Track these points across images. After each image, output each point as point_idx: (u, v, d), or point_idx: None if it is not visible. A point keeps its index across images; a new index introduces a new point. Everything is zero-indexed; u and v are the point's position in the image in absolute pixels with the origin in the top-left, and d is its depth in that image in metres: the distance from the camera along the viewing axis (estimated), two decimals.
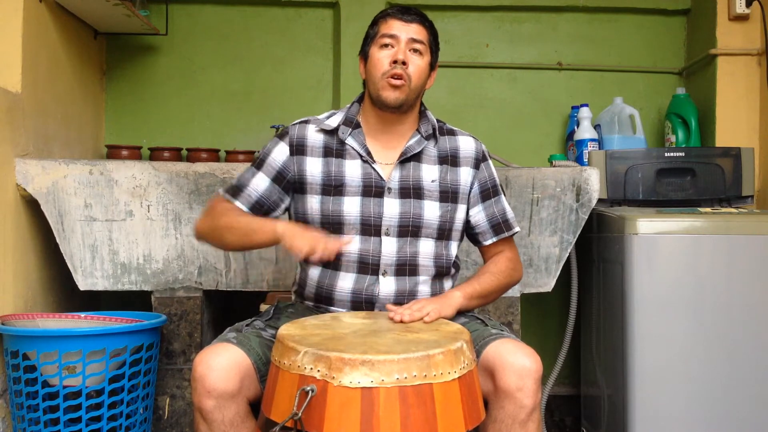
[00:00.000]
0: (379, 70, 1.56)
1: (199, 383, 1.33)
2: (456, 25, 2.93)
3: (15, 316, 1.92)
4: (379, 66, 1.56)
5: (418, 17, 1.60)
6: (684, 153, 2.42)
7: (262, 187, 1.62)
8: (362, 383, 1.13)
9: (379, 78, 1.56)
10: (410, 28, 1.58)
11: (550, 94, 2.93)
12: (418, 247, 1.59)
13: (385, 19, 1.60)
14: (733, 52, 2.67)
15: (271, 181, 1.62)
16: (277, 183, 1.62)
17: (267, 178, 1.62)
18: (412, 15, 1.59)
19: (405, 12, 1.59)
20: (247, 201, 1.62)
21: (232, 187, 1.65)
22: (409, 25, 1.58)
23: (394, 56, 1.55)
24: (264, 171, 1.63)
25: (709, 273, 2.04)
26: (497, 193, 1.70)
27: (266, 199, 1.63)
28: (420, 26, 1.59)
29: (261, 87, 2.88)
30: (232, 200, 1.63)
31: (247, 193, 1.62)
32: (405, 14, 1.59)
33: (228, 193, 1.64)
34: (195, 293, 2.15)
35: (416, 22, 1.59)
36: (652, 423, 2.01)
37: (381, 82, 1.55)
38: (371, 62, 1.58)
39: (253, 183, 1.62)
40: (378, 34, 1.58)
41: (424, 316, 1.43)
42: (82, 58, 2.57)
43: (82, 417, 1.83)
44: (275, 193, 1.63)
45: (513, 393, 1.34)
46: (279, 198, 1.64)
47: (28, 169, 2.05)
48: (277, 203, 1.64)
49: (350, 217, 1.57)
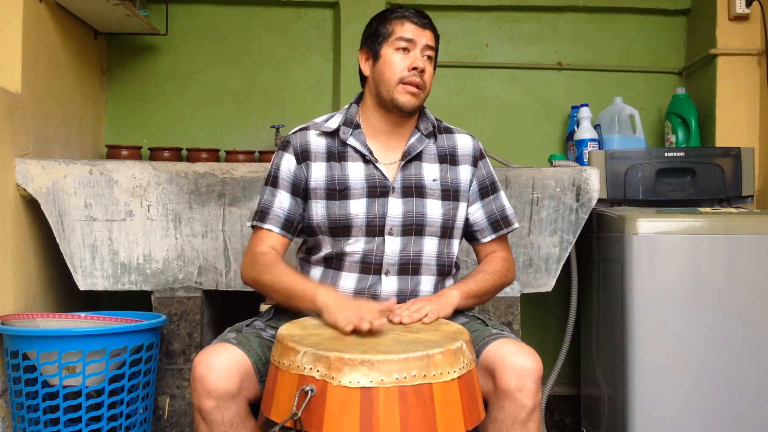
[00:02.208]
0: (396, 75, 1.56)
1: (199, 383, 1.33)
2: (456, 25, 2.93)
3: (15, 316, 1.92)
4: (395, 70, 1.56)
5: (430, 23, 1.61)
6: (684, 153, 2.42)
7: (285, 204, 1.61)
8: (362, 383, 1.13)
9: (396, 83, 1.56)
10: (425, 33, 1.59)
11: (550, 94, 2.93)
12: (421, 246, 1.60)
13: (401, 21, 1.59)
14: (733, 52, 2.67)
15: (291, 196, 1.61)
16: (296, 195, 1.62)
17: (287, 193, 1.61)
18: (426, 20, 1.60)
19: (420, 16, 1.60)
20: (276, 222, 1.60)
21: (257, 212, 1.63)
22: (425, 31, 1.59)
23: (414, 63, 1.56)
24: (281, 187, 1.61)
25: (709, 273, 2.04)
26: (496, 189, 1.70)
27: (293, 214, 1.61)
28: (432, 32, 1.61)
29: (261, 87, 2.88)
30: (261, 225, 1.60)
31: (274, 215, 1.60)
32: (421, 18, 1.60)
33: (256, 220, 1.62)
34: (195, 293, 2.15)
35: (429, 28, 1.60)
36: (652, 423, 2.01)
37: (399, 87, 1.56)
38: (385, 64, 1.57)
39: (276, 203, 1.61)
40: (393, 36, 1.58)
41: (423, 317, 1.43)
42: (82, 58, 2.57)
43: (82, 417, 1.83)
44: (299, 206, 1.62)
45: (513, 393, 1.34)
46: (303, 209, 1.63)
47: (28, 169, 2.05)
48: (302, 215, 1.63)
49: (357, 219, 1.57)
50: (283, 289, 1.50)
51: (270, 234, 1.61)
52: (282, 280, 1.51)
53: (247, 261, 1.61)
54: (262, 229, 1.61)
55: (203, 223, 2.12)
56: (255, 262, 1.57)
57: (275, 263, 1.55)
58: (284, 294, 1.51)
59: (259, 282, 1.56)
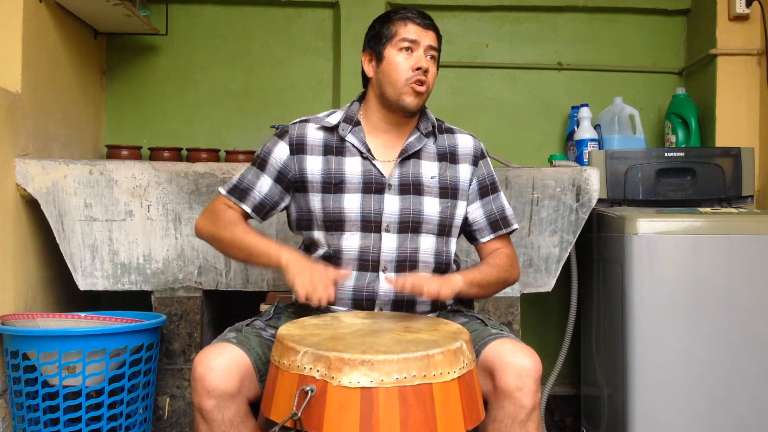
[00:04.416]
0: (401, 75, 1.56)
1: (199, 383, 1.33)
2: (456, 25, 2.93)
3: (15, 316, 1.92)
4: (400, 70, 1.56)
5: (432, 23, 1.62)
6: (684, 153, 2.42)
7: (265, 188, 1.63)
8: (362, 383, 1.13)
9: (402, 83, 1.56)
10: (428, 34, 1.60)
11: (550, 94, 2.93)
12: (418, 244, 1.60)
13: (404, 22, 1.59)
14: (733, 52, 2.67)
15: (273, 182, 1.63)
16: (279, 183, 1.63)
17: (270, 179, 1.63)
18: (428, 21, 1.61)
19: (423, 17, 1.61)
20: (251, 203, 1.63)
21: (236, 188, 1.64)
22: (428, 32, 1.60)
23: (418, 63, 1.56)
24: (267, 172, 1.63)
25: (709, 273, 2.04)
26: (495, 190, 1.70)
27: (269, 200, 1.64)
28: (435, 33, 1.62)
29: (261, 87, 2.88)
30: (238, 203, 1.63)
31: (252, 196, 1.63)
32: (423, 19, 1.60)
33: (233, 195, 1.64)
34: (195, 293, 2.15)
35: (432, 28, 1.61)
36: (652, 423, 2.01)
37: (404, 87, 1.56)
38: (390, 65, 1.58)
39: (257, 185, 1.63)
40: (397, 37, 1.58)
41: (423, 287, 1.41)
42: (82, 58, 2.57)
43: (82, 417, 1.83)
44: (277, 194, 1.64)
45: (512, 393, 1.34)
46: (280, 198, 1.65)
47: (28, 169, 2.05)
48: (278, 203, 1.65)
49: (351, 213, 1.57)
50: (246, 246, 1.55)
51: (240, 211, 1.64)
52: (245, 238, 1.57)
53: (207, 215, 1.66)
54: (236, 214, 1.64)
55: None
56: (217, 218, 1.62)
57: (238, 221, 1.61)
58: (245, 251, 1.56)
59: (216, 237, 1.61)
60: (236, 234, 1.57)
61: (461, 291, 1.52)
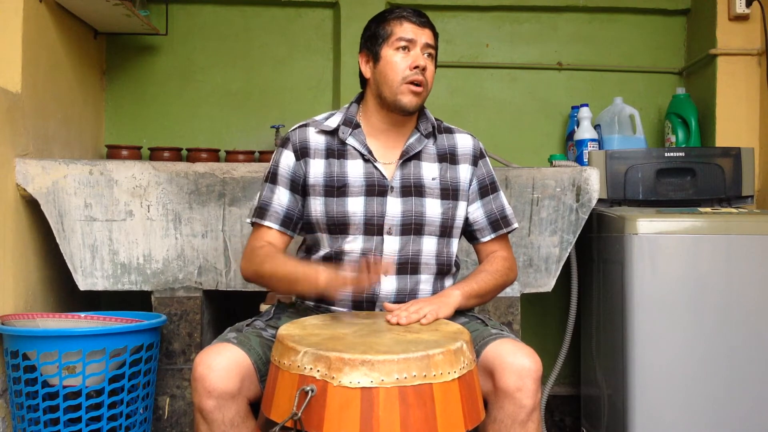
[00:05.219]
0: (398, 74, 1.56)
1: (200, 383, 1.33)
2: (456, 25, 2.93)
3: (15, 316, 1.92)
4: (397, 70, 1.56)
5: (428, 21, 1.62)
6: (684, 153, 2.42)
7: (284, 200, 1.61)
8: (362, 383, 1.13)
9: (399, 82, 1.56)
10: (425, 32, 1.59)
11: (550, 94, 2.93)
12: (420, 245, 1.59)
13: (399, 21, 1.59)
14: (733, 52, 2.67)
15: (290, 192, 1.62)
16: (295, 192, 1.62)
17: (285, 189, 1.62)
18: (424, 19, 1.61)
19: (419, 15, 1.60)
20: (275, 219, 1.61)
21: (257, 209, 1.63)
22: (424, 30, 1.59)
23: (415, 62, 1.56)
24: (281, 184, 1.62)
25: (709, 273, 2.04)
26: (495, 189, 1.70)
27: (293, 211, 1.62)
28: (431, 31, 1.61)
29: (261, 87, 2.88)
30: (260, 222, 1.61)
31: (273, 211, 1.61)
32: (419, 17, 1.60)
33: (255, 217, 1.63)
34: (195, 293, 2.15)
35: (428, 26, 1.60)
36: (652, 423, 2.01)
37: (401, 87, 1.56)
38: (387, 65, 1.57)
39: (275, 199, 1.61)
40: (393, 36, 1.58)
41: (422, 318, 1.42)
42: (82, 58, 2.57)
43: (82, 417, 1.83)
44: (298, 203, 1.62)
45: (512, 393, 1.34)
46: (302, 205, 1.63)
47: (28, 169, 2.05)
48: (302, 212, 1.63)
49: (355, 217, 1.57)
50: (285, 276, 1.48)
51: (269, 231, 1.61)
52: (283, 267, 1.50)
53: (247, 256, 1.61)
54: (262, 226, 1.61)
55: (203, 223, 2.12)
56: (254, 256, 1.57)
57: (275, 254, 1.56)
58: (287, 280, 1.48)
59: (259, 273, 1.55)
60: (276, 266, 1.51)
61: (460, 306, 1.54)
